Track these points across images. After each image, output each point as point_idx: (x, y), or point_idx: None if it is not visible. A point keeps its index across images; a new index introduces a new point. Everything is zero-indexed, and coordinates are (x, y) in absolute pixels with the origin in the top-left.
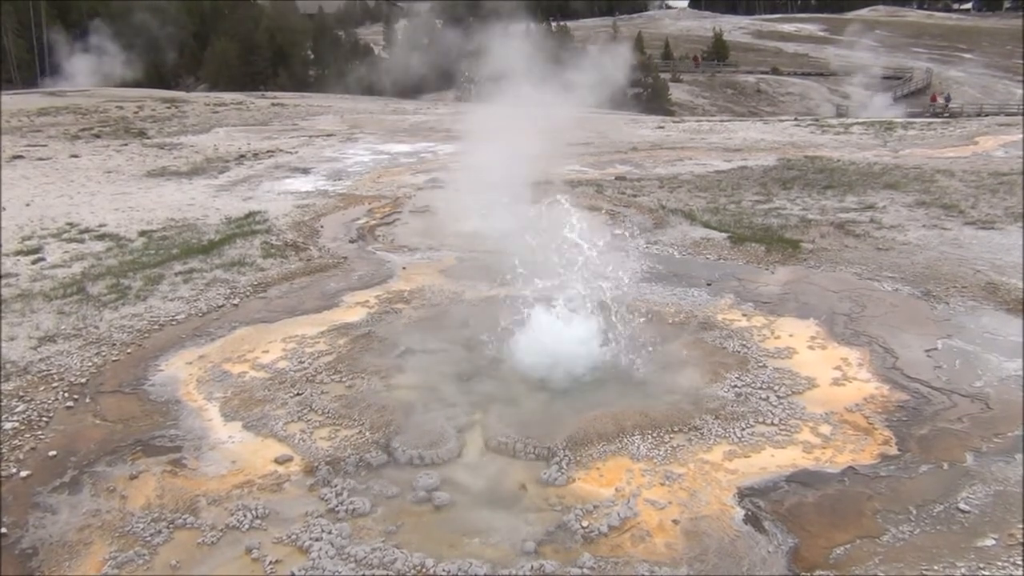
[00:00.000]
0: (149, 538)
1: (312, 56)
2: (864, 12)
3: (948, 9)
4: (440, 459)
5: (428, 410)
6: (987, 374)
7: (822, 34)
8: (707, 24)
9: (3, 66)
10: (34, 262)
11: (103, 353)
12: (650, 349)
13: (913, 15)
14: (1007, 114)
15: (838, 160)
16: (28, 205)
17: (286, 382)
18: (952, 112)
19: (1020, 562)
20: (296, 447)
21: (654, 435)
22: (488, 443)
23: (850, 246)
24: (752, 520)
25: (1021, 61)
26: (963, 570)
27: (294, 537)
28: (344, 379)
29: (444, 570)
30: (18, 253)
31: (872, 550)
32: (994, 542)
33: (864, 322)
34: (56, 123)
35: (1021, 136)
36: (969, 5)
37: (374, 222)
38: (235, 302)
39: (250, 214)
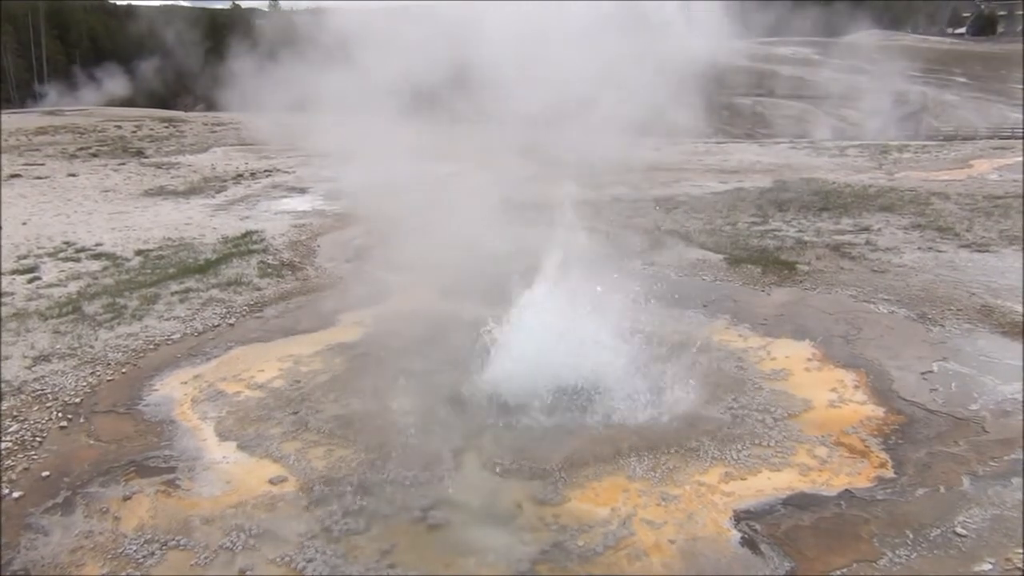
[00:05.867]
0: (142, 560)
1: None
2: (859, 36)
3: (942, 33)
4: (435, 478)
5: (424, 431)
6: (983, 397)
7: (817, 57)
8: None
9: (2, 86)
10: (30, 281)
11: (98, 373)
12: (647, 370)
13: (908, 39)
14: (1001, 137)
15: (834, 182)
16: (25, 224)
17: (281, 402)
18: (947, 135)
19: None
20: (291, 467)
21: (651, 456)
22: (484, 463)
23: (846, 268)
24: (748, 543)
25: (1014, 85)
26: None
27: (288, 558)
28: (340, 399)
29: None
30: (14, 272)
31: (869, 574)
32: (991, 566)
33: (860, 344)
34: (54, 142)
35: (1016, 160)
36: (963, 30)
37: (371, 241)
38: (231, 322)
39: (247, 233)
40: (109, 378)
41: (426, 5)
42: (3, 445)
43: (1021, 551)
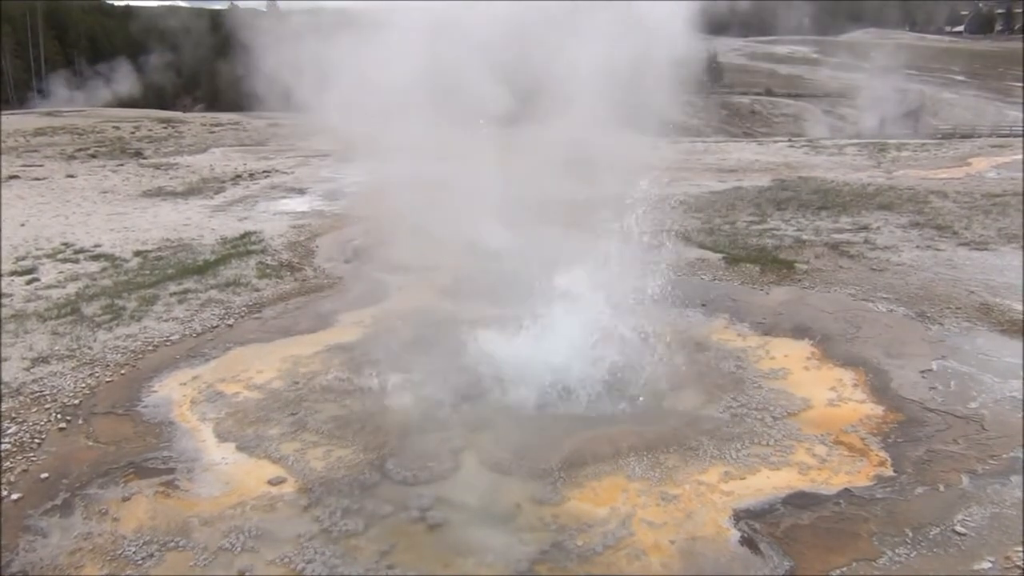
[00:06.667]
0: (141, 561)
1: None
2: (856, 35)
3: (940, 32)
4: (434, 478)
5: (422, 430)
6: (982, 395)
7: (815, 56)
8: (700, 45)
9: (1, 87)
10: (28, 282)
11: (96, 374)
12: (645, 369)
13: (906, 38)
14: (999, 135)
15: (832, 181)
16: (23, 225)
17: (280, 402)
18: (945, 133)
19: None
20: (290, 468)
21: (650, 456)
22: (483, 463)
23: (844, 267)
24: (748, 542)
25: (1012, 83)
26: None
27: (287, 559)
28: (338, 399)
29: None
30: (12, 273)
31: (868, 573)
32: (991, 565)
33: (859, 343)
34: (52, 143)
35: (1015, 158)
36: (961, 28)
37: (370, 242)
38: (230, 323)
39: (246, 234)
40: (108, 379)
41: (425, 5)
42: (2, 447)
43: (1021, 549)
